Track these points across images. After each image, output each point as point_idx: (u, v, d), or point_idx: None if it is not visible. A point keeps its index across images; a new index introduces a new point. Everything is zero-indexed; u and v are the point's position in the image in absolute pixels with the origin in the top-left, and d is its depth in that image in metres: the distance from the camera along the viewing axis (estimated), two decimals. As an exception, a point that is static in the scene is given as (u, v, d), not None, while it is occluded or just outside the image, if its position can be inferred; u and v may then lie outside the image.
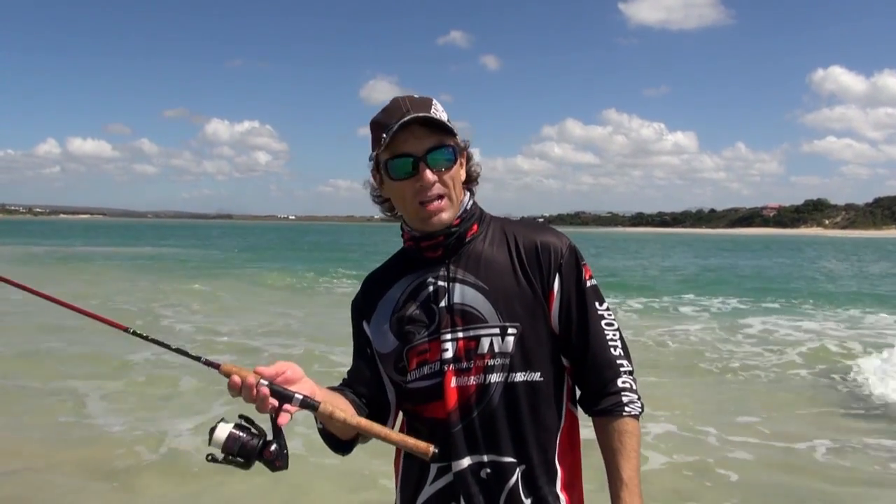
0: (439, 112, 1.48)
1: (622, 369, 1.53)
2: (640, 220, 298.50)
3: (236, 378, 1.30)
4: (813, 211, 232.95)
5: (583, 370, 1.54)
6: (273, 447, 1.31)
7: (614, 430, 1.50)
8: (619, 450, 1.49)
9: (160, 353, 8.70)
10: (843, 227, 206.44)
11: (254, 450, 1.29)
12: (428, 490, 1.54)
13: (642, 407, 1.54)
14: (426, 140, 1.46)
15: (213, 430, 1.30)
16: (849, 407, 7.58)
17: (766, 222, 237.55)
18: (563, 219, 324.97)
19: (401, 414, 1.64)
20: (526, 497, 1.49)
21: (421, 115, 1.44)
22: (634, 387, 1.54)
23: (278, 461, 1.31)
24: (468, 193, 1.59)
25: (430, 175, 1.46)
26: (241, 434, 1.30)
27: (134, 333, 1.39)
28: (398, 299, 1.57)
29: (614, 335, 1.55)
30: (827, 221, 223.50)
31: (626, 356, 1.55)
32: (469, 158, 1.59)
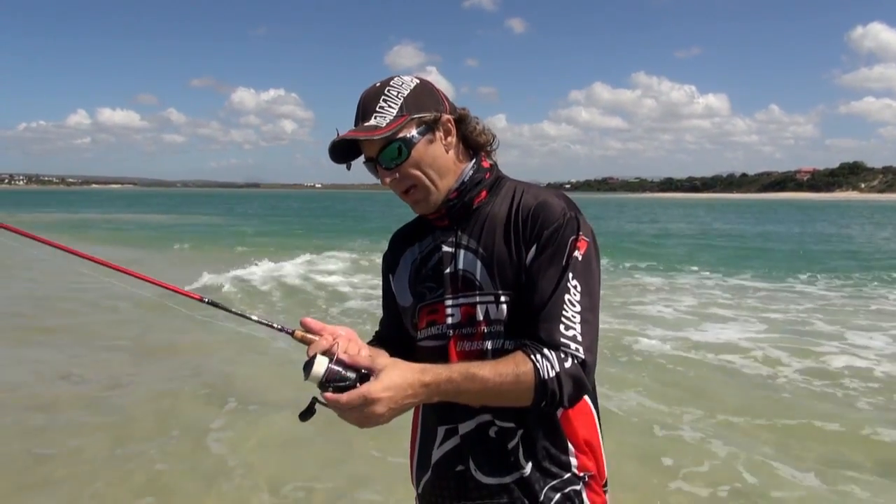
0: (391, 101, 1.46)
1: (570, 346, 1.37)
2: (669, 185, 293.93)
3: (311, 351, 1.36)
4: (849, 174, 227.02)
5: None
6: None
7: (511, 354, 1.38)
8: (498, 361, 1.37)
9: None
10: (881, 191, 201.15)
11: (352, 382, 1.31)
12: (436, 453, 1.57)
13: (557, 389, 1.35)
14: (376, 141, 1.47)
15: (309, 364, 1.30)
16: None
17: (799, 186, 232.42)
18: (590, 185, 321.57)
19: None
20: (526, 460, 1.49)
21: (339, 138, 1.47)
22: (566, 367, 1.36)
23: None
24: (473, 161, 1.56)
25: (385, 177, 1.50)
26: (338, 368, 1.32)
27: (211, 303, 1.49)
28: (416, 258, 1.61)
29: (573, 316, 1.39)
30: (863, 185, 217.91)
31: (578, 340, 1.38)
32: (464, 125, 1.54)
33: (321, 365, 1.30)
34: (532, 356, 1.36)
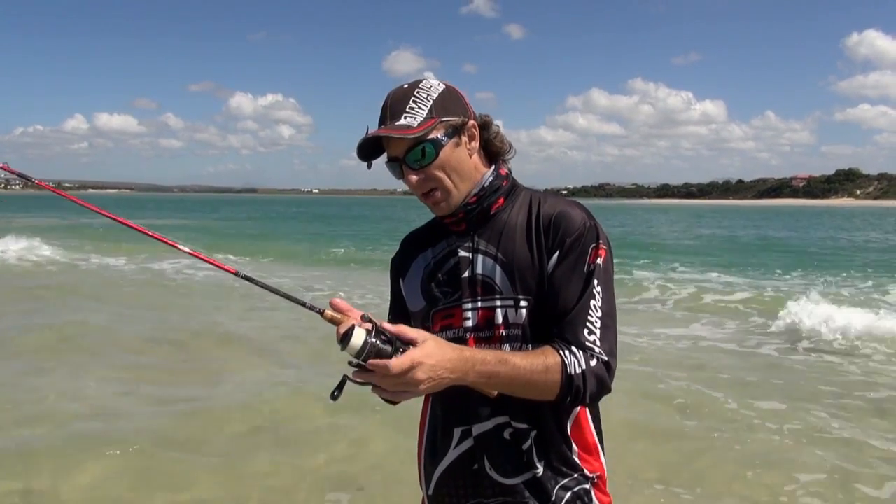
0: (420, 103, 1.49)
1: (595, 349, 1.45)
2: (665, 191, 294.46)
3: (342, 328, 1.34)
4: (844, 181, 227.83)
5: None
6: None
7: (540, 348, 1.45)
8: (527, 353, 1.44)
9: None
10: (876, 198, 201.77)
11: (388, 355, 1.31)
12: (452, 454, 1.59)
13: (582, 385, 1.41)
14: (404, 141, 1.48)
15: (347, 335, 1.30)
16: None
17: (795, 193, 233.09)
18: (587, 191, 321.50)
19: None
20: (538, 461, 1.53)
21: (372, 134, 1.49)
22: (591, 365, 1.43)
23: None
24: (492, 167, 1.59)
25: (412, 177, 1.51)
26: (374, 340, 1.31)
27: (245, 278, 1.46)
28: (430, 262, 1.63)
29: (595, 321, 1.47)
30: (858, 192, 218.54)
31: (602, 344, 1.46)
32: (486, 132, 1.58)
33: (359, 337, 1.30)
34: (561, 352, 1.43)
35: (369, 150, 1.54)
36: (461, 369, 1.35)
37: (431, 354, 1.31)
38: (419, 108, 1.49)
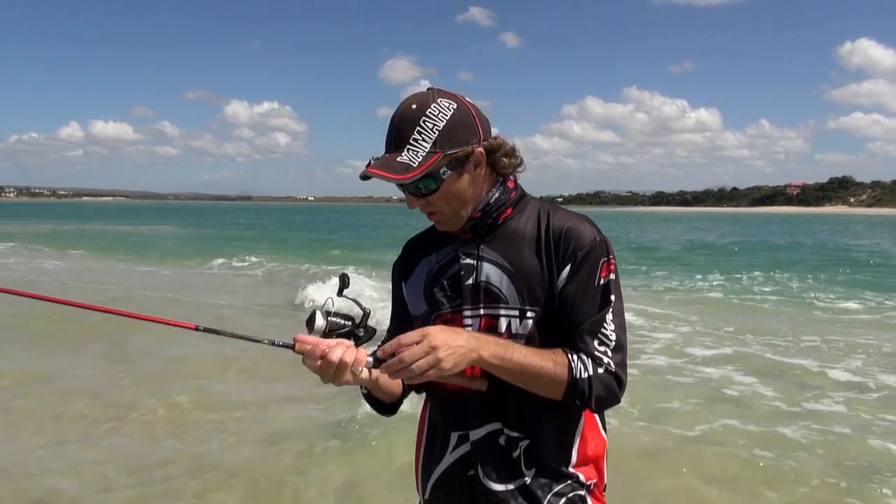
0: (425, 134, 1.44)
1: (603, 360, 1.47)
2: (660, 199, 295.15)
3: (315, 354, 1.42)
4: (838, 189, 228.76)
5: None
6: (361, 331, 1.49)
7: (551, 349, 1.47)
8: (539, 349, 1.46)
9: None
10: (869, 206, 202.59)
11: (350, 328, 1.48)
12: (448, 458, 1.60)
13: (586, 390, 1.44)
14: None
15: (311, 320, 1.45)
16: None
17: (789, 201, 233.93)
18: (582, 198, 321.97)
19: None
20: (530, 468, 1.54)
21: (372, 173, 1.45)
22: (598, 372, 1.45)
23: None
24: (497, 184, 1.57)
25: (413, 204, 1.53)
26: (335, 319, 1.48)
27: (205, 330, 1.46)
28: (433, 267, 1.63)
29: (609, 334, 1.49)
30: (852, 199, 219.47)
31: (613, 355, 1.48)
32: (496, 154, 1.54)
33: (320, 318, 1.45)
34: (569, 355, 1.46)
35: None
36: (476, 348, 1.40)
37: (445, 329, 1.39)
38: (423, 139, 1.44)
